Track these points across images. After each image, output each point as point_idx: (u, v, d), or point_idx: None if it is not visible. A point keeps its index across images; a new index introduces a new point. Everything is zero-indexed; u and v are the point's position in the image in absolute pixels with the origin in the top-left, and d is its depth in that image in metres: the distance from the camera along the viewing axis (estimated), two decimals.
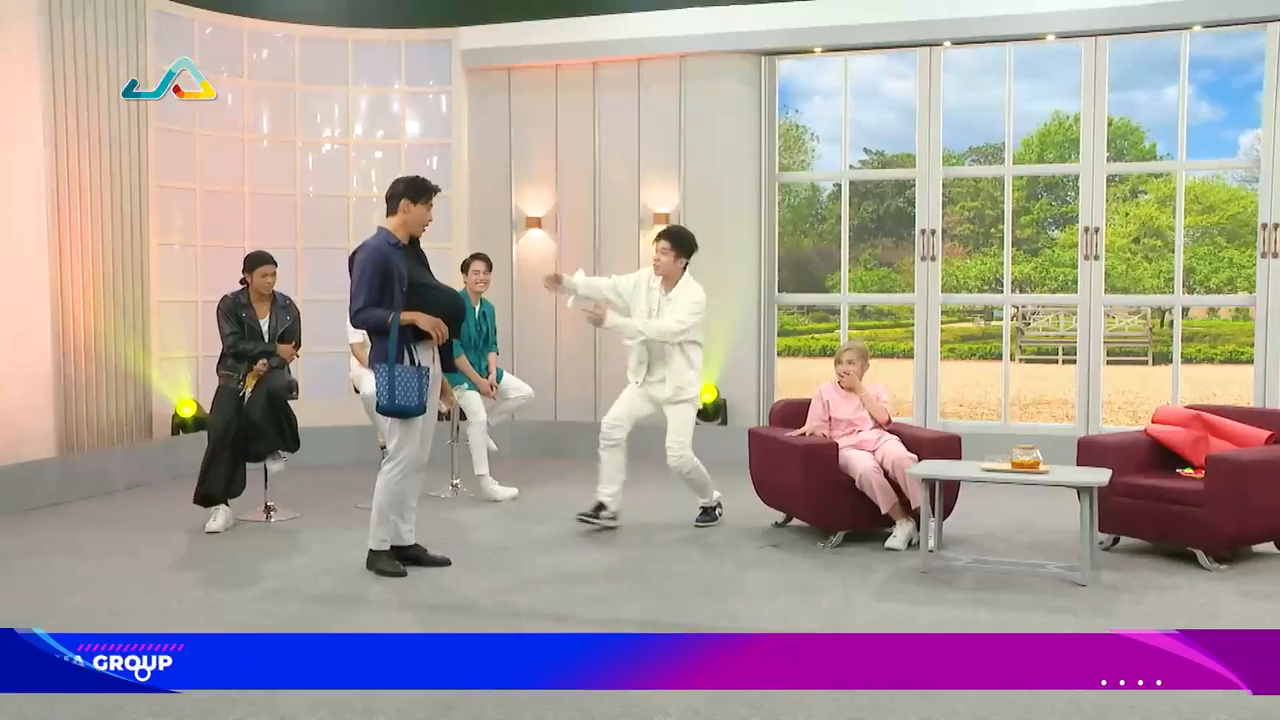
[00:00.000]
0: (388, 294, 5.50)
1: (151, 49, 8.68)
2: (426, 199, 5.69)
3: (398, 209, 5.65)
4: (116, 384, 8.37)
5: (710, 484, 6.85)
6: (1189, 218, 26.64)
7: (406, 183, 5.70)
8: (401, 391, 5.47)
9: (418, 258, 5.74)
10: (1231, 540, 5.66)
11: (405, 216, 5.65)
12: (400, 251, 5.59)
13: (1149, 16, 8.45)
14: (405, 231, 5.67)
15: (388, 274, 5.49)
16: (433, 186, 5.73)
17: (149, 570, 5.81)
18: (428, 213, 5.72)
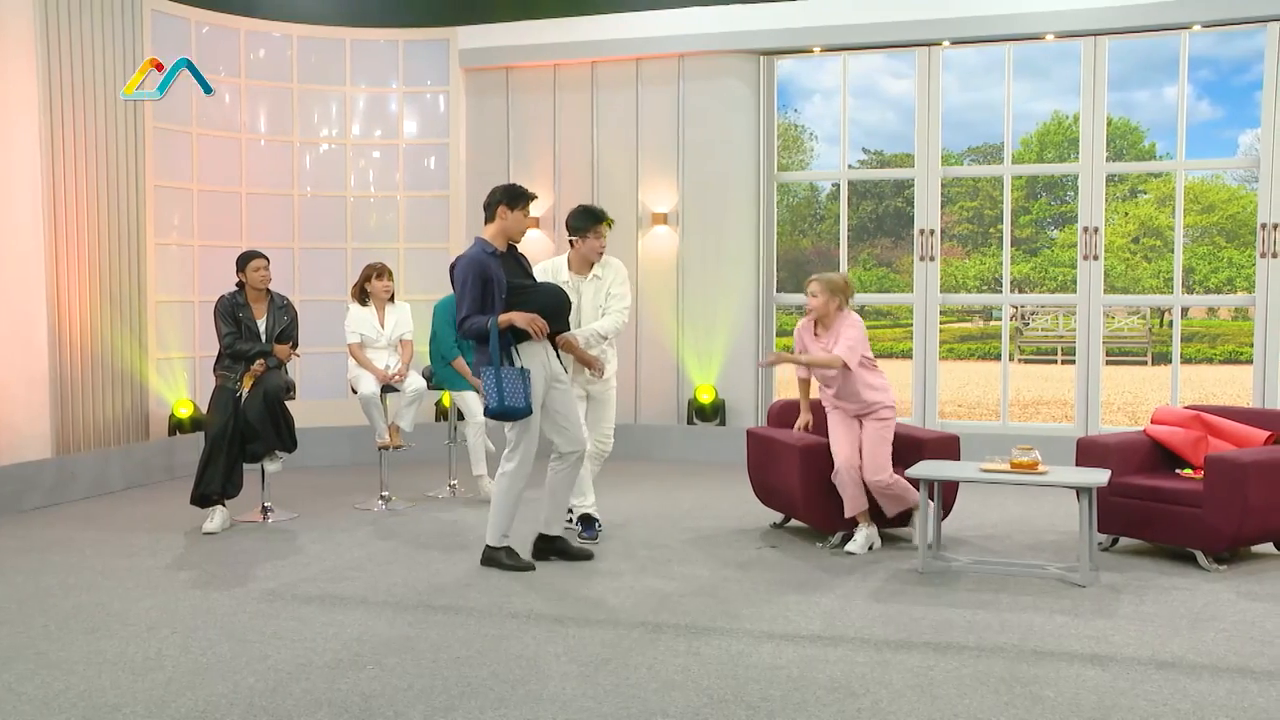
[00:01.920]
0: (488, 301, 5.58)
1: (148, 48, 8.65)
2: (523, 205, 5.78)
3: (495, 216, 5.76)
4: (113, 384, 8.36)
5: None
6: (1188, 217, 26.64)
7: (504, 190, 5.79)
8: (510, 393, 5.55)
9: (517, 262, 5.81)
10: (1231, 541, 5.64)
11: (503, 223, 5.74)
12: (497, 259, 5.66)
13: (1148, 16, 8.45)
14: (504, 238, 5.75)
15: (486, 281, 5.57)
16: (529, 194, 5.85)
17: (146, 571, 5.80)
18: (525, 219, 5.81)
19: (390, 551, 6.23)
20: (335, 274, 9.63)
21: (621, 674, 4.16)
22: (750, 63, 9.47)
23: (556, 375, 5.81)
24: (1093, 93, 8.78)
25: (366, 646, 4.51)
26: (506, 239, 5.77)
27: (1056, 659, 4.31)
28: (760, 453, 6.75)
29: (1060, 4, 8.61)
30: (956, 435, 6.58)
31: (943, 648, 4.44)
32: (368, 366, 7.52)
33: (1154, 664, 4.25)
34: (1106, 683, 4.05)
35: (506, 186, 5.83)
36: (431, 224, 9.97)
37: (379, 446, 7.59)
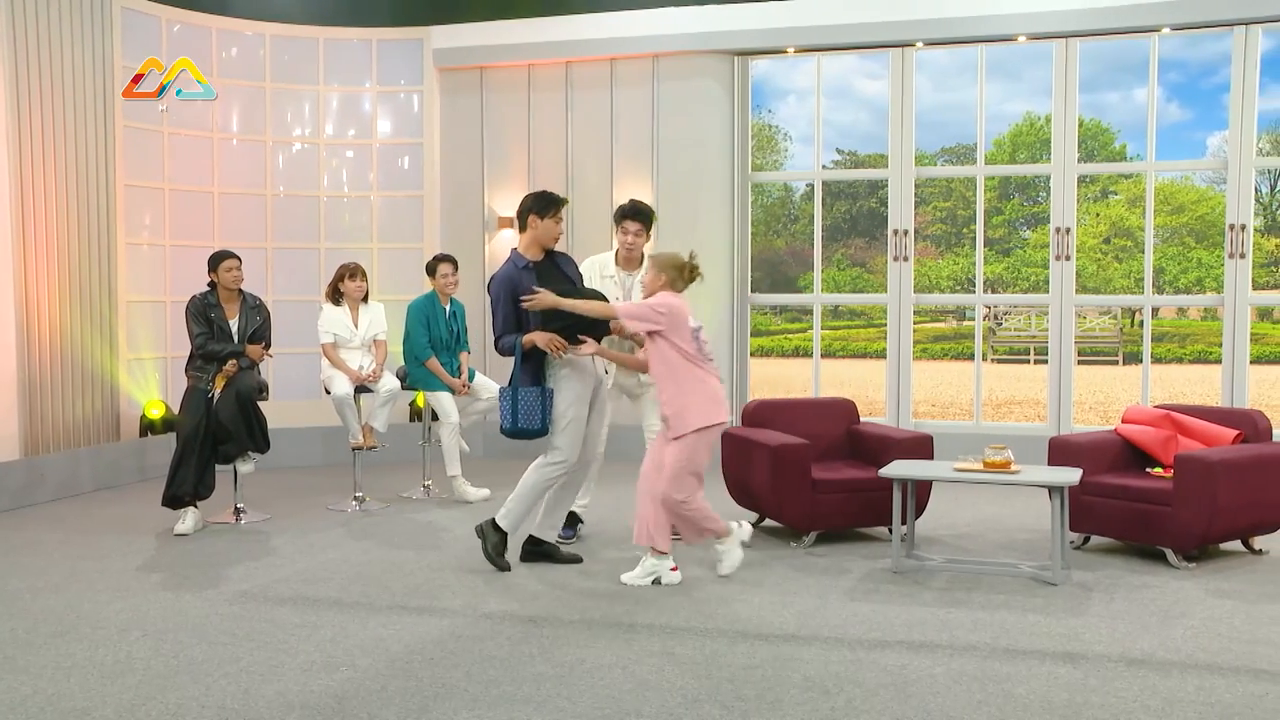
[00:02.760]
0: (522, 318, 5.58)
1: (118, 46, 8.59)
2: (554, 212, 5.76)
3: (526, 225, 5.77)
4: (83, 385, 8.28)
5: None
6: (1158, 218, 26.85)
7: (534, 198, 5.78)
8: (525, 414, 5.56)
9: (557, 267, 5.79)
10: (1200, 539, 5.70)
11: (535, 232, 5.74)
12: (530, 271, 5.66)
13: (1119, 18, 8.52)
14: (537, 247, 5.77)
15: (517, 298, 5.57)
16: (560, 199, 5.82)
17: (117, 573, 5.75)
18: (556, 226, 5.78)
19: (364, 553, 6.21)
20: (308, 274, 9.57)
21: (596, 674, 4.15)
22: (724, 63, 9.49)
23: (600, 379, 5.82)
24: (1064, 94, 8.84)
25: (340, 648, 4.48)
26: (541, 247, 5.78)
27: (1029, 657, 4.34)
28: (735, 453, 6.76)
29: (1032, 6, 8.67)
30: (930, 435, 6.61)
31: (916, 646, 4.47)
32: (341, 367, 7.48)
33: (1124, 661, 4.28)
34: (1078, 680, 4.08)
35: (536, 194, 5.82)
36: (405, 224, 9.93)
37: (353, 447, 7.56)
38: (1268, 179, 28.66)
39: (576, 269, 5.99)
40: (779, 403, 7.32)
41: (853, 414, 7.11)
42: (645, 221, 6.31)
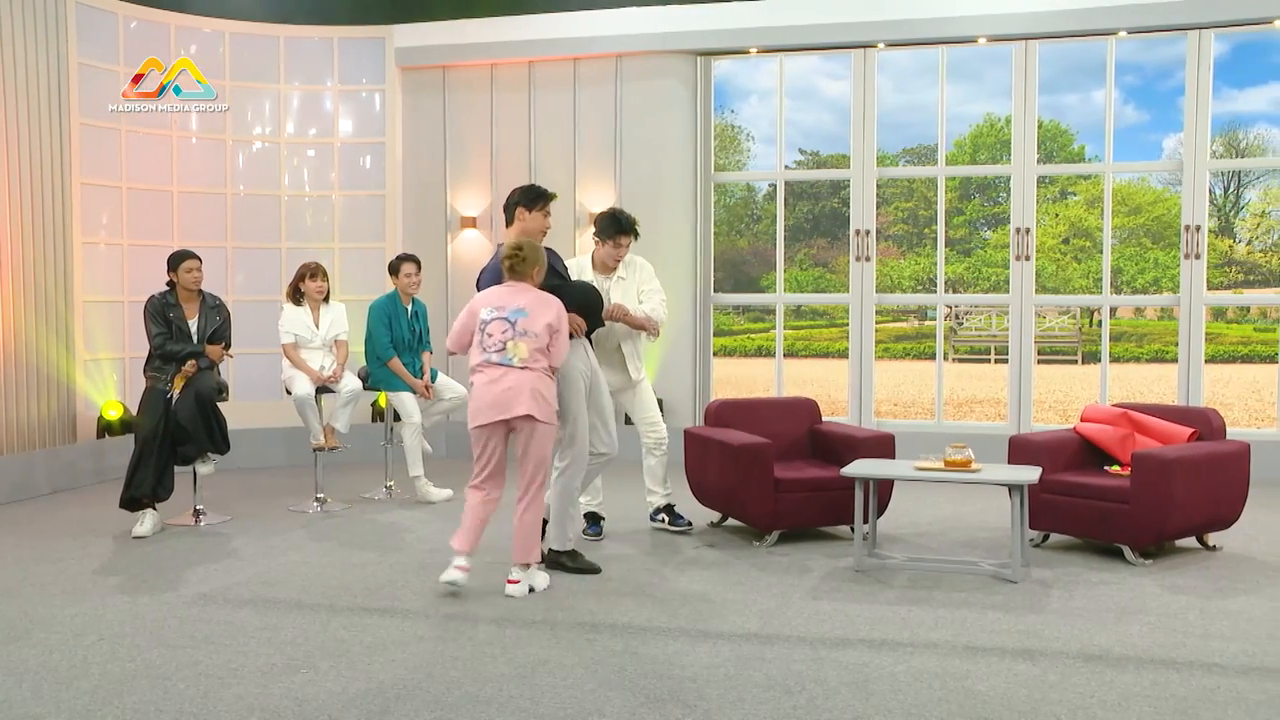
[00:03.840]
0: None
1: (73, 43, 8.48)
2: (541, 206, 5.73)
3: (514, 219, 5.74)
4: (38, 386, 8.16)
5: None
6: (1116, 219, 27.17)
7: (521, 191, 5.76)
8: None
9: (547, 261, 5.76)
10: (1156, 535, 5.77)
11: (523, 225, 5.71)
12: None
13: (1077, 21, 8.62)
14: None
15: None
16: (548, 193, 5.77)
17: (73, 576, 5.67)
18: (545, 219, 5.75)
19: (325, 554, 6.16)
20: (269, 274, 9.49)
21: (558, 674, 4.15)
22: (687, 63, 9.50)
23: (596, 372, 5.82)
24: (1024, 96, 8.93)
25: (300, 650, 4.45)
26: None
27: (989, 654, 4.38)
28: (698, 452, 6.77)
29: (992, 8, 8.75)
30: (892, 434, 6.65)
31: (877, 644, 4.49)
32: (302, 367, 7.43)
33: (1082, 657, 4.33)
34: (1037, 676, 4.12)
35: (524, 188, 5.80)
36: (367, 223, 9.87)
37: (314, 448, 7.51)
38: (1221, 181, 29.08)
39: (563, 263, 5.99)
40: (741, 402, 7.34)
41: (815, 413, 7.14)
42: (637, 235, 6.49)
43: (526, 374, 5.19)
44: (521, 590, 5.26)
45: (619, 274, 6.48)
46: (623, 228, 6.38)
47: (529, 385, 5.18)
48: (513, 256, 5.35)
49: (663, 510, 6.74)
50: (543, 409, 5.22)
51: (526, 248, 5.39)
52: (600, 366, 5.97)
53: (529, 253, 5.38)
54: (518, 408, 5.16)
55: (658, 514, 6.75)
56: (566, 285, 5.70)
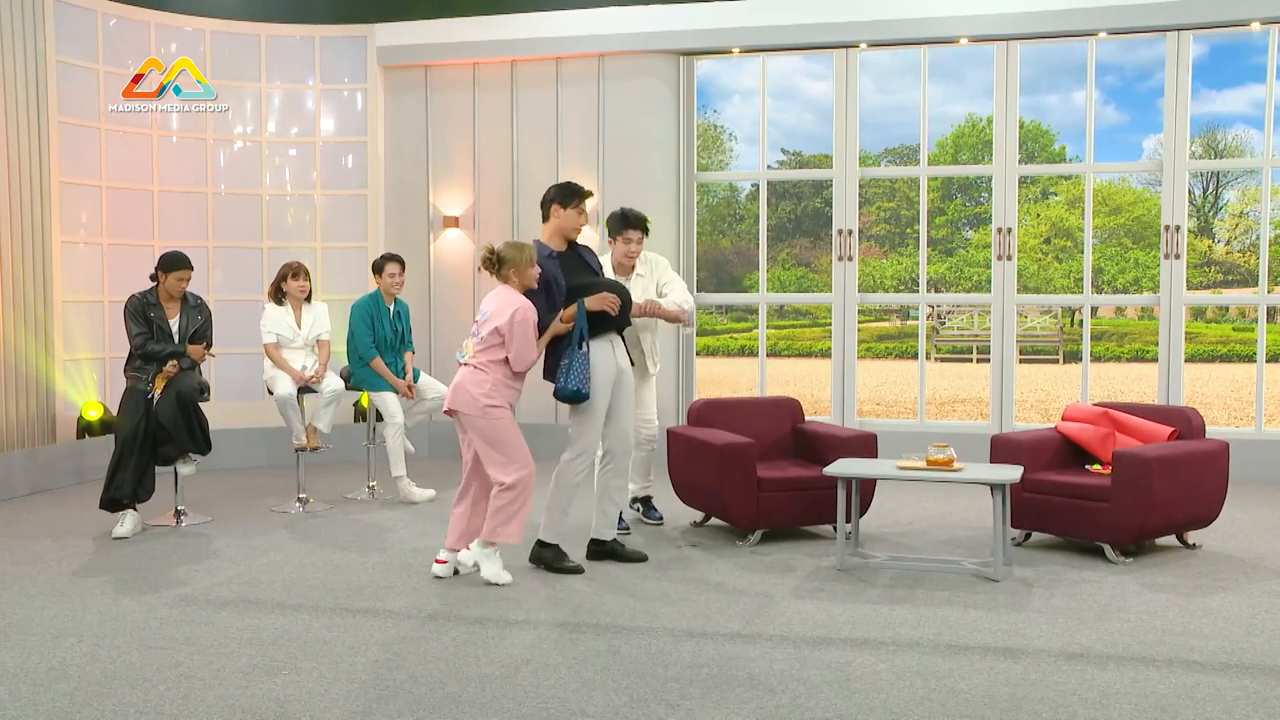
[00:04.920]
0: (551, 302, 5.61)
1: (52, 40, 8.43)
2: (576, 203, 5.75)
3: (549, 215, 5.79)
4: (17, 386, 8.11)
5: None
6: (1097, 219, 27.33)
7: (556, 188, 5.80)
8: (577, 376, 5.54)
9: (580, 258, 5.83)
10: (1136, 534, 5.80)
11: (558, 222, 5.76)
12: (556, 260, 5.68)
13: (1058, 22, 8.66)
14: (560, 237, 5.79)
15: (547, 284, 5.59)
16: (583, 190, 5.80)
17: (52, 578, 5.64)
18: (579, 217, 5.78)
19: (307, 554, 6.14)
20: (251, 273, 9.45)
21: (542, 674, 4.15)
22: (670, 63, 9.50)
23: (623, 370, 5.83)
24: (1005, 96, 8.97)
25: (282, 651, 4.43)
26: (563, 237, 5.80)
27: (970, 652, 4.39)
28: (681, 451, 6.77)
29: (973, 9, 8.78)
30: (874, 433, 6.67)
31: (860, 643, 4.51)
32: (284, 367, 7.40)
33: (1063, 655, 4.35)
34: (1018, 674, 4.14)
35: (559, 185, 5.85)
36: (349, 223, 9.84)
37: (296, 448, 7.48)
38: (1200, 181, 29.27)
39: (598, 260, 6.04)
40: (724, 402, 7.35)
41: (797, 413, 7.15)
42: (646, 230, 6.53)
43: (465, 370, 5.52)
44: (466, 559, 5.54)
45: (638, 271, 6.56)
46: (629, 222, 6.45)
47: (457, 380, 5.53)
48: (485, 258, 5.52)
49: (639, 500, 6.87)
50: (463, 401, 5.46)
51: (505, 249, 5.49)
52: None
53: (506, 253, 5.48)
54: (447, 401, 5.57)
55: (634, 503, 6.87)
56: (597, 283, 5.75)
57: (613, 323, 5.72)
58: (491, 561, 5.45)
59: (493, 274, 5.53)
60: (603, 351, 5.69)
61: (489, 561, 5.45)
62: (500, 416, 5.46)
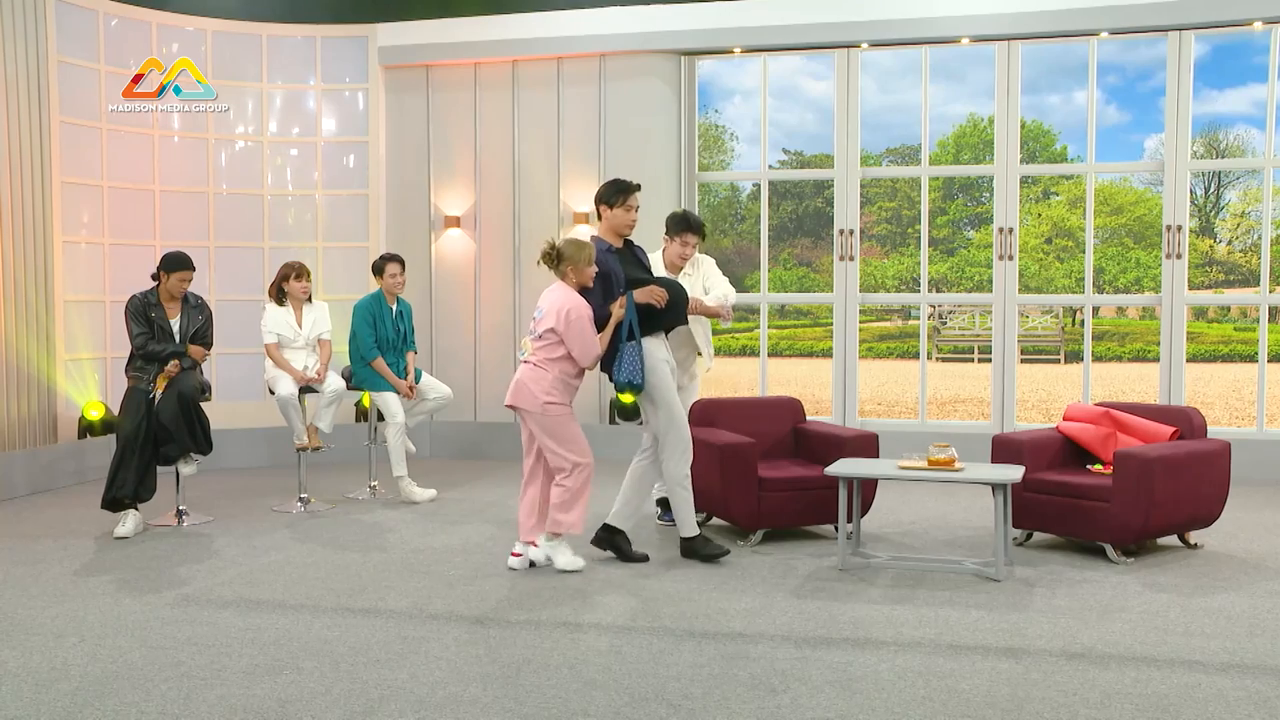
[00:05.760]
0: (610, 295, 5.76)
1: (53, 40, 8.43)
2: (621, 202, 5.88)
3: (600, 215, 5.96)
4: (18, 386, 8.11)
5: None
6: (1098, 219, 27.32)
7: (605, 187, 5.95)
8: (629, 368, 5.67)
9: (634, 256, 6.00)
10: (1138, 534, 5.80)
11: (608, 221, 5.92)
12: (614, 255, 5.84)
13: (1059, 22, 8.66)
14: (614, 234, 5.93)
15: (605, 277, 5.75)
16: (629, 186, 5.90)
17: (53, 578, 5.64)
18: (626, 214, 5.91)
19: (308, 554, 6.14)
20: (252, 273, 9.46)
21: (543, 674, 4.15)
22: (671, 63, 9.50)
23: (673, 367, 5.96)
24: (1006, 96, 8.96)
25: (284, 651, 4.44)
26: (617, 234, 5.92)
27: (972, 652, 4.39)
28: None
29: (975, 8, 8.78)
30: (875, 433, 6.67)
31: (861, 643, 4.50)
32: (285, 367, 7.40)
33: (1065, 655, 4.35)
34: (1020, 674, 4.14)
35: (606, 184, 5.98)
36: (350, 223, 9.84)
37: (297, 448, 7.48)
38: (1201, 181, 29.26)
39: (648, 258, 6.17)
40: (725, 401, 7.35)
41: (799, 413, 7.15)
42: (703, 235, 6.61)
43: (524, 368, 5.69)
44: (538, 555, 5.70)
45: (685, 271, 6.65)
46: (689, 225, 6.54)
47: (518, 377, 5.68)
48: (546, 253, 5.67)
49: (659, 501, 6.91)
50: (523, 398, 5.63)
51: (565, 245, 5.66)
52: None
53: (566, 249, 5.65)
54: (509, 397, 5.72)
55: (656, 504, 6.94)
56: (654, 280, 5.88)
57: (663, 320, 5.85)
58: (561, 551, 5.68)
59: (550, 269, 5.68)
60: (659, 346, 5.87)
61: (558, 552, 5.68)
62: (559, 413, 5.62)
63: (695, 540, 5.93)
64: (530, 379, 5.63)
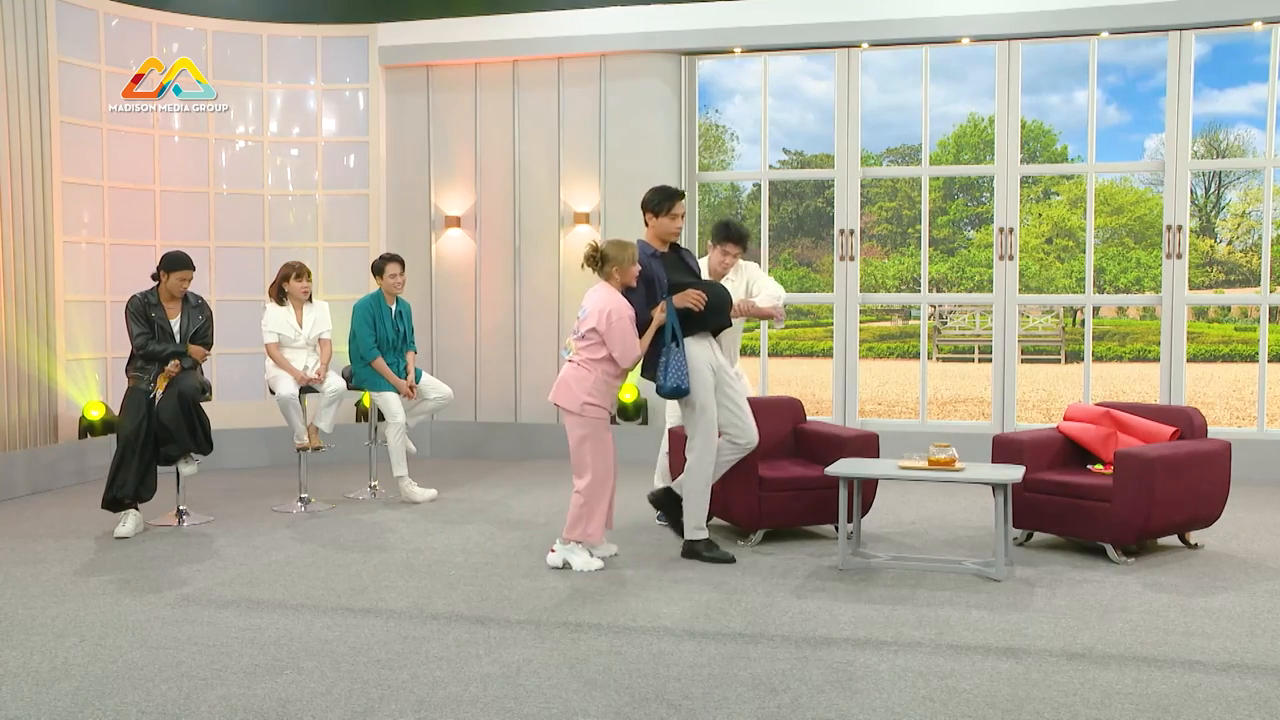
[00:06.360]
0: (652, 298, 5.83)
1: (53, 40, 8.43)
2: (665, 210, 5.96)
3: (646, 221, 6.05)
4: (19, 386, 8.11)
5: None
6: (1099, 219, 27.32)
7: (650, 194, 6.03)
8: (675, 373, 5.75)
9: (681, 260, 6.05)
10: (1138, 534, 5.80)
11: (654, 228, 6.01)
12: (659, 259, 5.91)
13: (1059, 22, 8.65)
14: (659, 240, 6.00)
15: (649, 281, 5.82)
16: (672, 193, 5.97)
17: (54, 577, 5.64)
18: (672, 221, 5.99)
19: (309, 554, 6.14)
20: (252, 273, 9.46)
21: (544, 674, 4.15)
22: (671, 63, 9.50)
23: (723, 367, 6.02)
24: (1007, 96, 8.96)
25: (284, 651, 4.44)
26: (663, 240, 5.99)
27: (972, 652, 4.39)
28: (681, 451, 6.75)
29: (975, 8, 8.78)
30: (876, 433, 6.66)
31: (862, 643, 4.50)
32: (286, 367, 7.40)
33: (1065, 655, 4.35)
34: (1020, 674, 4.14)
35: (653, 190, 6.05)
36: (351, 222, 9.84)
37: (298, 448, 7.49)
38: (1202, 181, 29.25)
39: (697, 263, 6.21)
40: None
41: (799, 413, 7.15)
42: (745, 245, 6.65)
43: (567, 366, 5.79)
44: (555, 561, 5.75)
45: (728, 277, 6.71)
46: (730, 236, 6.57)
47: (561, 375, 5.78)
48: (590, 255, 5.77)
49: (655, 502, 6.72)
50: (564, 396, 5.71)
51: (609, 247, 5.74)
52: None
53: (610, 250, 5.73)
54: (553, 394, 5.80)
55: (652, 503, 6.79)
56: (698, 284, 5.93)
57: (707, 323, 5.90)
58: (577, 554, 5.75)
59: (594, 270, 5.78)
60: (703, 348, 5.90)
61: (575, 555, 5.75)
62: (596, 417, 5.71)
63: (700, 544, 5.93)
64: (574, 378, 5.71)
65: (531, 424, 9.72)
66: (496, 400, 9.84)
